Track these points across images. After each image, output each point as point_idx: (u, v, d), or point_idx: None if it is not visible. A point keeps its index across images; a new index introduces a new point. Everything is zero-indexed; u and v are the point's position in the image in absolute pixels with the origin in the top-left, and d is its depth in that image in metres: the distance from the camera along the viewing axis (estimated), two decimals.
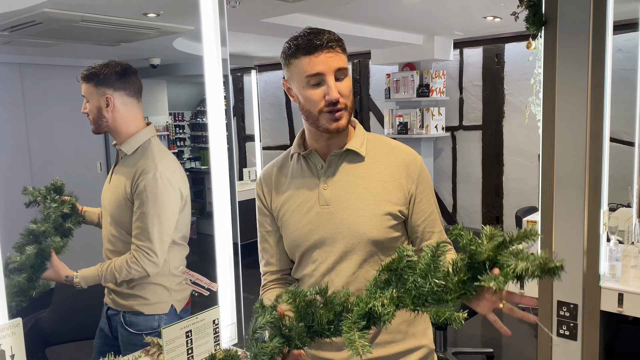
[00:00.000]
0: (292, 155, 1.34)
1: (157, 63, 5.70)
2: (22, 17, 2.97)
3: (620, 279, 2.18)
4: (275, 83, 7.15)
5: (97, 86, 1.76)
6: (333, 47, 1.18)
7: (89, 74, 1.78)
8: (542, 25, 1.99)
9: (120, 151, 1.80)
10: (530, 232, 0.85)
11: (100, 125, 1.78)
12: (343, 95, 1.19)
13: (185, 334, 1.49)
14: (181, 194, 1.79)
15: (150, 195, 1.70)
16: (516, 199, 5.30)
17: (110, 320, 1.86)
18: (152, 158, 1.75)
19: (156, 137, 1.84)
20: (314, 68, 1.17)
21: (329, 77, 1.18)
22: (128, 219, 1.74)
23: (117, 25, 3.30)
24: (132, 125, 1.80)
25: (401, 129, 5.45)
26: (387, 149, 1.30)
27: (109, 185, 1.83)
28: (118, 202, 1.75)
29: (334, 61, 1.18)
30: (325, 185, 1.26)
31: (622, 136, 4.30)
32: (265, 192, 1.36)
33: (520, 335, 3.91)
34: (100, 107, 1.76)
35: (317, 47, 1.16)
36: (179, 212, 1.78)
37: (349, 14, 3.91)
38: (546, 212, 2.06)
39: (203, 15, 1.58)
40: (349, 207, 1.23)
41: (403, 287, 0.90)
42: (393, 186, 1.24)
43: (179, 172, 1.82)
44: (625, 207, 3.14)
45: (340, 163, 1.27)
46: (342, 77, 1.20)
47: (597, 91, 1.93)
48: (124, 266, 1.71)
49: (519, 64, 5.16)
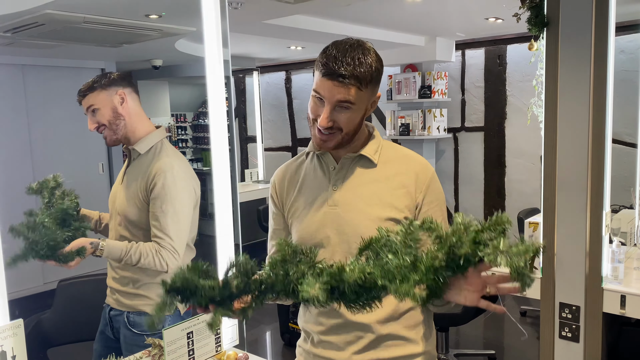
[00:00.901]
0: (307, 154, 1.36)
1: (159, 64, 5.72)
2: (25, 18, 2.98)
3: (623, 280, 2.17)
4: (277, 84, 7.15)
5: (106, 88, 1.77)
6: (344, 82, 1.16)
7: (90, 85, 1.77)
8: (544, 26, 1.98)
9: (134, 151, 1.81)
10: (502, 220, 0.89)
11: (118, 127, 1.77)
12: (339, 123, 1.20)
13: (187, 335, 1.49)
14: (195, 192, 1.80)
15: (169, 194, 1.70)
16: (518, 200, 5.29)
17: (112, 321, 1.86)
18: (168, 158, 1.76)
19: (167, 140, 1.86)
20: (319, 89, 1.19)
21: (327, 104, 1.19)
22: (140, 219, 1.74)
23: (120, 26, 3.30)
24: (146, 123, 1.82)
25: (403, 130, 5.44)
26: (401, 157, 1.31)
27: (120, 185, 1.83)
28: (133, 203, 1.75)
29: (338, 93, 1.17)
30: (335, 187, 1.28)
31: (624, 137, 4.29)
32: (277, 191, 1.38)
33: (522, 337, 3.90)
34: (115, 107, 1.77)
35: (329, 74, 1.16)
36: (194, 209, 1.79)
37: (350, 16, 3.91)
38: (548, 213, 2.05)
39: (205, 16, 1.59)
40: (355, 210, 1.25)
41: (376, 262, 0.93)
42: (401, 193, 1.25)
43: (192, 172, 1.83)
44: (628, 209, 3.13)
45: (352, 166, 1.29)
46: (344, 107, 1.19)
47: (600, 92, 1.93)
48: (151, 253, 1.69)
49: (521, 66, 5.15)
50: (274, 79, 7.15)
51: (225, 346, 1.63)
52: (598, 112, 1.93)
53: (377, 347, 1.25)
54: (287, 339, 3.75)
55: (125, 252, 1.69)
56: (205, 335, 1.54)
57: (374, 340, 1.24)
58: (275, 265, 0.97)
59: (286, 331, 3.74)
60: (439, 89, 5.34)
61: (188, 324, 1.49)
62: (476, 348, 3.71)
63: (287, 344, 3.75)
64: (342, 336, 1.26)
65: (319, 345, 1.30)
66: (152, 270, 1.72)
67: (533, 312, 4.15)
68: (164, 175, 1.70)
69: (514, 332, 4.01)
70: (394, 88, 5.51)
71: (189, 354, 1.50)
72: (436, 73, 5.31)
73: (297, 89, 6.95)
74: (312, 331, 1.32)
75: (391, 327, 1.25)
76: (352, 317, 1.22)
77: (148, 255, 1.69)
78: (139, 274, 1.77)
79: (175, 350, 1.46)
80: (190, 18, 3.19)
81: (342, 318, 1.24)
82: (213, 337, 1.57)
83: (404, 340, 1.26)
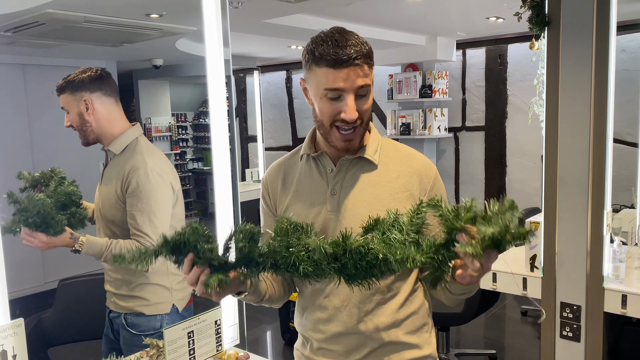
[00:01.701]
0: (301, 156, 1.29)
1: (159, 64, 5.71)
2: (25, 17, 2.98)
3: (624, 280, 2.17)
4: (277, 84, 7.15)
5: (73, 92, 1.75)
6: (358, 63, 1.09)
7: (63, 84, 1.77)
8: (545, 25, 1.98)
9: (109, 152, 1.80)
10: (511, 205, 0.88)
11: (86, 132, 1.77)
12: (361, 113, 1.14)
13: (187, 335, 1.49)
14: (173, 188, 1.78)
15: (143, 191, 1.69)
16: (519, 200, 5.27)
17: (112, 323, 1.86)
18: (141, 155, 1.74)
19: (143, 136, 1.84)
20: (335, 83, 1.10)
21: (348, 96, 1.11)
22: (120, 218, 1.74)
23: (120, 26, 3.30)
24: (117, 125, 1.80)
25: (404, 129, 5.44)
26: (402, 157, 1.25)
27: (100, 186, 1.83)
28: (110, 202, 1.75)
29: (358, 79, 1.10)
30: (334, 191, 1.21)
31: (625, 137, 4.28)
32: (270, 193, 1.31)
33: (523, 337, 3.90)
34: (81, 113, 1.75)
35: (342, 63, 1.08)
36: (172, 205, 1.78)
37: (351, 15, 3.91)
38: (549, 213, 2.05)
39: (205, 15, 1.58)
40: (356, 216, 1.18)
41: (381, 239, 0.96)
42: (404, 197, 1.20)
43: (169, 167, 1.82)
44: (629, 209, 3.13)
45: (351, 169, 1.22)
46: (363, 94, 1.13)
47: (601, 92, 1.92)
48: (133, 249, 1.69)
49: (521, 65, 5.15)
50: (275, 78, 7.15)
51: (226, 345, 1.62)
52: (599, 111, 1.93)
53: (379, 354, 1.22)
54: (287, 339, 3.75)
55: (106, 247, 1.68)
56: (206, 334, 1.54)
57: (375, 348, 1.21)
58: (279, 235, 0.97)
59: (287, 331, 3.74)
60: (440, 89, 5.34)
61: (189, 324, 1.49)
62: (477, 348, 3.71)
63: (287, 343, 3.75)
64: (344, 344, 1.22)
65: (318, 352, 1.27)
66: (139, 271, 1.72)
67: (534, 311, 4.14)
68: (137, 173, 1.69)
69: (516, 332, 4.01)
70: (394, 87, 5.51)
71: (189, 354, 1.49)
72: (437, 72, 5.30)
73: (298, 88, 6.95)
74: (311, 338, 1.27)
75: (393, 333, 1.21)
76: (353, 325, 1.19)
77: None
78: (130, 276, 1.76)
79: (176, 349, 1.46)
80: (191, 17, 3.19)
81: (343, 326, 1.21)
82: (214, 337, 1.57)
83: (406, 346, 1.24)
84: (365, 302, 1.20)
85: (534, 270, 2.43)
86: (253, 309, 4.83)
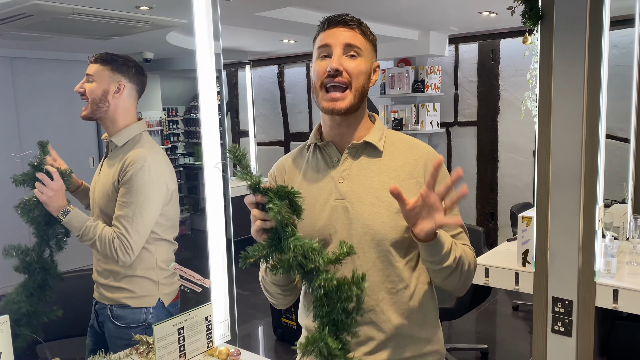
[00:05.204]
0: (308, 146, 1.31)
1: (150, 57, 5.66)
2: (12, 9, 2.93)
3: (615, 275, 2.18)
4: (269, 78, 7.11)
5: (114, 71, 1.76)
6: (348, 23, 1.19)
7: (108, 57, 1.77)
8: (538, 19, 1.97)
9: (111, 143, 1.80)
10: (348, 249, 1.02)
11: (98, 109, 1.76)
12: (349, 72, 1.18)
13: (178, 331, 1.47)
14: (167, 188, 1.78)
15: (135, 185, 1.69)
16: (511, 195, 5.30)
17: (98, 314, 1.85)
18: (142, 150, 1.74)
19: (147, 132, 1.85)
20: (324, 40, 1.19)
21: (335, 49, 1.18)
22: (113, 209, 1.73)
23: (109, 18, 3.25)
24: (129, 118, 1.81)
25: (396, 124, 5.43)
26: (407, 146, 1.27)
27: (98, 177, 1.82)
28: (106, 193, 1.75)
29: (345, 36, 1.18)
30: (341, 178, 1.23)
31: (617, 132, 4.30)
32: (277, 182, 1.33)
33: (515, 332, 3.92)
34: (108, 91, 1.75)
35: (332, 22, 1.19)
36: (163, 205, 1.77)
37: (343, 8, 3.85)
38: (542, 208, 2.05)
39: (196, 8, 1.56)
40: (364, 203, 1.20)
41: None
42: (411, 184, 1.21)
43: (168, 166, 1.82)
44: (620, 204, 3.14)
45: (357, 156, 1.24)
46: (354, 55, 1.19)
47: (594, 87, 1.92)
48: (108, 239, 1.68)
49: (514, 60, 5.15)
50: (267, 72, 7.11)
51: (216, 342, 1.61)
52: (592, 106, 1.93)
53: (388, 347, 1.22)
54: (279, 334, 3.74)
55: (86, 227, 1.67)
56: (197, 330, 1.52)
57: (384, 341, 1.21)
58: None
59: (279, 326, 3.73)
60: (432, 84, 5.33)
61: (179, 320, 1.47)
62: (469, 342, 3.72)
63: (279, 338, 3.74)
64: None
65: None
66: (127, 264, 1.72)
67: (525, 306, 4.16)
68: (134, 167, 1.69)
69: (508, 326, 4.02)
70: (387, 82, 5.49)
71: (179, 350, 1.48)
72: (429, 67, 5.29)
73: (290, 83, 6.91)
74: None
75: (402, 326, 1.21)
76: (361, 318, 1.20)
77: (104, 239, 1.67)
78: (118, 266, 1.75)
79: (166, 346, 1.44)
80: (181, 10, 3.15)
81: None
82: (205, 333, 1.55)
83: (414, 339, 1.24)
84: (372, 295, 1.20)
85: (526, 265, 2.43)
86: (244, 305, 4.81)
